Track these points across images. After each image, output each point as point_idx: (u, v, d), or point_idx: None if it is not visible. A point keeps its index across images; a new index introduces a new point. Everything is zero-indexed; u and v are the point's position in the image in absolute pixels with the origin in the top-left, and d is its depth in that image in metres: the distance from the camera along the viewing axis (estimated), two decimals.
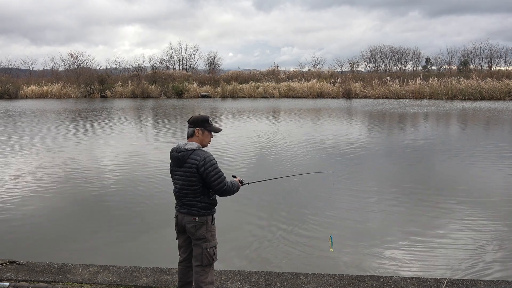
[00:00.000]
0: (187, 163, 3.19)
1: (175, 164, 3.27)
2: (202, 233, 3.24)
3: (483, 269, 4.66)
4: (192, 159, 3.18)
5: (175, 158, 3.25)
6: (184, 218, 3.26)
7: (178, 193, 3.30)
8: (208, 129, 3.33)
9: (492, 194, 7.38)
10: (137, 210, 6.78)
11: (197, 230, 3.23)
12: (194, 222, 3.22)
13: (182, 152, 3.21)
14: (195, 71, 53.67)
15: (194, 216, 3.23)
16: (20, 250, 5.28)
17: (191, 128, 3.32)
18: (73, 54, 51.46)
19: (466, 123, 17.84)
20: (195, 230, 3.23)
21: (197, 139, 3.30)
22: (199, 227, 3.23)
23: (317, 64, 53.81)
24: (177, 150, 3.25)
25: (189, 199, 3.24)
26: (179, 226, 3.34)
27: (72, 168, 9.81)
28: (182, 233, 3.37)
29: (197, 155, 3.17)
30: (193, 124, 3.32)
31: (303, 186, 8.06)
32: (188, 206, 3.25)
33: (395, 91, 32.64)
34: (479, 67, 45.77)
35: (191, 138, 3.32)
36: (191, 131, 3.31)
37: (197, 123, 3.31)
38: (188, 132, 3.33)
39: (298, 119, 19.77)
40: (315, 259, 4.98)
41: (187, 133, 3.35)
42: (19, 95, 39.09)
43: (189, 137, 3.33)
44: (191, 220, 3.23)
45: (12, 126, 17.97)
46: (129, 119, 21.22)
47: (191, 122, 3.33)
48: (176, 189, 3.30)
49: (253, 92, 36.49)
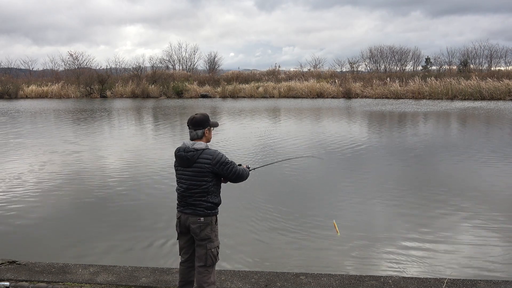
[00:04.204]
0: (197, 162, 3.19)
1: (182, 164, 3.25)
2: (207, 234, 3.24)
3: (483, 269, 4.66)
4: (203, 158, 3.19)
5: (184, 158, 3.23)
6: (189, 219, 3.25)
7: (183, 192, 3.27)
8: (211, 126, 3.38)
9: (492, 194, 7.37)
10: (137, 210, 6.78)
11: (202, 231, 3.22)
12: (200, 223, 3.22)
13: (191, 152, 3.21)
14: (195, 71, 53.69)
15: (199, 216, 3.22)
16: (20, 250, 5.29)
17: (200, 129, 3.28)
18: (73, 54, 51.53)
19: (467, 123, 17.84)
20: (200, 230, 3.22)
21: (205, 138, 3.33)
22: (204, 228, 3.23)
23: (317, 64, 53.85)
24: (185, 150, 3.23)
25: (195, 199, 3.23)
26: (182, 226, 3.32)
27: (72, 168, 9.81)
28: (185, 234, 3.35)
29: (208, 154, 3.20)
30: (200, 125, 3.29)
31: (303, 186, 8.06)
32: (193, 206, 3.23)
33: (395, 91, 32.66)
34: (479, 67, 45.78)
35: (199, 139, 3.31)
36: (201, 132, 3.29)
37: (203, 123, 3.31)
38: (197, 134, 3.29)
39: (298, 118, 19.77)
40: (315, 259, 4.98)
41: (194, 135, 3.30)
42: (19, 95, 39.09)
43: (197, 138, 3.30)
44: (196, 221, 3.22)
45: (12, 126, 17.97)
46: (130, 119, 21.22)
47: (198, 124, 3.29)
48: (182, 189, 3.27)
49: (253, 92, 36.49)
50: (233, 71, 47.74)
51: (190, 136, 3.34)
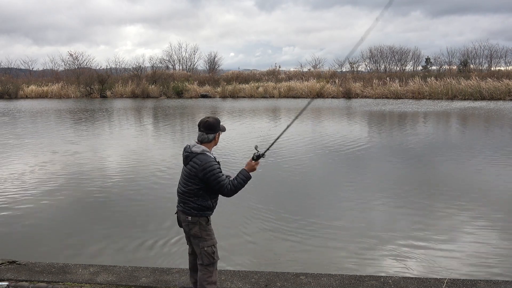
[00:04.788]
0: (189, 164, 3.30)
1: (183, 162, 3.39)
2: (196, 232, 3.30)
3: (483, 269, 4.66)
4: (194, 162, 3.25)
5: (184, 156, 3.37)
6: (181, 216, 3.39)
7: (178, 189, 3.42)
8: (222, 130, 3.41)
9: (492, 194, 7.37)
10: (138, 210, 6.78)
11: (190, 229, 3.33)
12: (187, 221, 3.32)
13: (188, 152, 3.32)
14: (195, 71, 53.67)
15: (187, 215, 3.32)
16: (20, 250, 5.29)
17: (212, 134, 3.31)
18: (73, 54, 51.48)
19: (468, 123, 17.85)
20: (189, 229, 3.34)
21: (214, 142, 3.37)
22: (192, 227, 3.31)
23: (317, 64, 53.83)
24: (186, 149, 3.35)
25: (185, 197, 3.33)
26: (179, 222, 3.47)
27: (72, 168, 9.81)
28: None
29: (199, 160, 3.23)
30: (213, 130, 3.31)
31: (303, 186, 8.07)
32: (183, 203, 3.35)
33: (395, 91, 32.64)
34: (479, 67, 45.75)
35: (208, 143, 3.33)
36: (212, 136, 3.32)
37: (216, 127, 3.33)
38: (208, 138, 3.31)
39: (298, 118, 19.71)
40: (315, 259, 4.98)
41: (205, 138, 3.31)
42: (19, 95, 39.05)
43: (207, 142, 3.32)
44: (185, 219, 3.34)
45: (12, 126, 17.97)
46: (130, 119, 21.22)
47: (211, 128, 3.30)
48: (179, 184, 3.41)
49: (253, 92, 36.48)
50: (233, 71, 47.71)
51: (199, 137, 3.35)
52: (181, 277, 4.00)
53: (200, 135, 3.34)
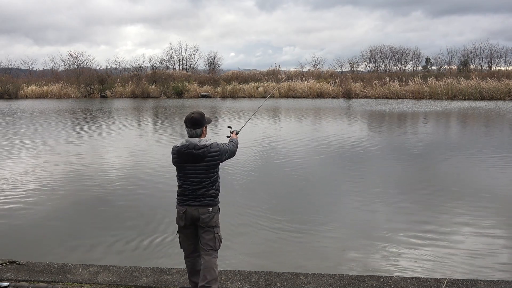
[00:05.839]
0: (208, 157, 3.38)
1: (192, 161, 3.39)
2: (215, 221, 3.48)
3: (483, 269, 4.66)
4: (212, 152, 3.40)
5: (195, 155, 3.38)
6: (198, 210, 3.42)
7: (194, 187, 3.42)
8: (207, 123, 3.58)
9: (493, 194, 7.37)
10: (137, 210, 6.78)
11: (211, 219, 3.44)
12: (209, 213, 3.43)
13: (202, 148, 3.38)
14: (195, 71, 53.65)
15: (208, 206, 3.43)
16: (20, 250, 5.28)
17: (199, 128, 3.46)
18: (73, 54, 51.46)
19: (468, 123, 17.84)
20: (210, 219, 3.43)
21: (203, 135, 3.51)
22: (213, 216, 3.45)
23: (317, 64, 53.81)
24: (195, 147, 3.38)
25: (207, 189, 3.42)
26: (187, 220, 3.44)
27: (73, 168, 9.82)
28: (188, 227, 3.48)
29: (215, 147, 3.43)
30: (199, 125, 3.46)
31: (303, 186, 8.06)
32: (202, 197, 3.42)
33: (395, 91, 32.63)
34: (479, 67, 45.72)
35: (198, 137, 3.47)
36: (200, 131, 3.47)
37: (201, 122, 3.47)
38: (196, 133, 3.46)
39: (298, 119, 19.77)
40: (315, 259, 4.98)
41: (193, 133, 3.46)
42: (19, 95, 39.07)
43: (196, 136, 3.46)
44: (206, 211, 3.42)
45: (13, 126, 17.97)
46: (130, 119, 21.22)
47: (197, 123, 3.46)
48: (193, 183, 3.41)
49: (253, 92, 36.48)
50: (233, 71, 47.69)
51: (189, 135, 3.48)
52: (181, 277, 4.00)
53: (188, 132, 3.48)
